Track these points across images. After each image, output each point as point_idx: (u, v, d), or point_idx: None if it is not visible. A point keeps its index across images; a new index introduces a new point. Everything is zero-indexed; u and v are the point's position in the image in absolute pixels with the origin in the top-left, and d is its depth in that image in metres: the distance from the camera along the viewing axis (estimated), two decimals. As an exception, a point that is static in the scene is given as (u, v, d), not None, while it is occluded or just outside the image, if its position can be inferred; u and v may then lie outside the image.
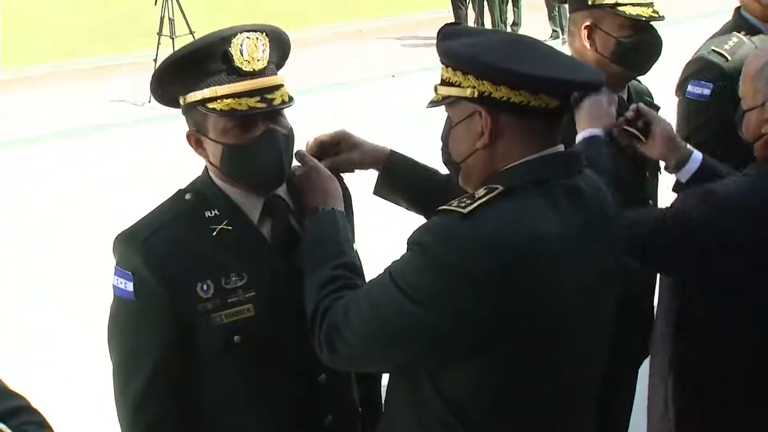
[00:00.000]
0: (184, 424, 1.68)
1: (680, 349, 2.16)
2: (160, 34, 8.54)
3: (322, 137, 1.86)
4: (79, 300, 4.21)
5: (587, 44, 2.22)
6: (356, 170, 1.92)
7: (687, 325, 2.14)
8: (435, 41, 1.54)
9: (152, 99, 8.33)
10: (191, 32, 8.28)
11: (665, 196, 2.43)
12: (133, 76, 9.50)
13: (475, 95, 1.45)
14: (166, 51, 8.38)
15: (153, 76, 1.63)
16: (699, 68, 2.62)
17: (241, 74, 1.57)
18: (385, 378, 1.99)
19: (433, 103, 1.57)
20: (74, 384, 3.64)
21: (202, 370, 1.67)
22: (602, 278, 1.53)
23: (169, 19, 8.50)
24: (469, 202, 1.42)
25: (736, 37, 2.65)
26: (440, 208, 1.45)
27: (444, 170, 1.94)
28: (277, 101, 1.59)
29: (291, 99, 1.63)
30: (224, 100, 1.56)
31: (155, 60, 8.50)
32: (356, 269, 1.62)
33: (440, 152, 1.66)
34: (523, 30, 10.33)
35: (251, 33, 1.57)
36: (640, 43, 2.21)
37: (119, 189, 6.27)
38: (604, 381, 1.63)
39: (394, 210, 2.05)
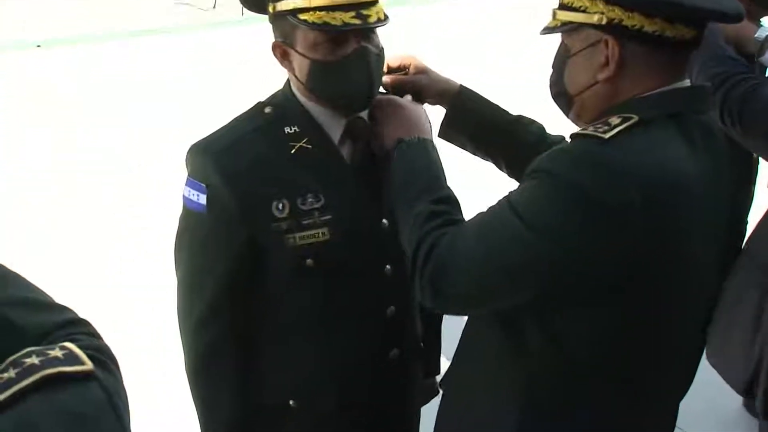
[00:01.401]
0: (246, 347, 1.64)
1: None
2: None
3: (389, 61, 1.71)
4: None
5: None
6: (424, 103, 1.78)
7: None
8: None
9: (216, 5, 8.12)
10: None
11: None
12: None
13: (603, 22, 1.33)
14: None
15: None
16: None
17: None
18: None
19: (549, 30, 1.45)
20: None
21: (269, 294, 1.61)
22: (721, 223, 1.44)
23: None
24: (606, 128, 1.31)
25: None
26: (575, 132, 1.35)
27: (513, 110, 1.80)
28: (373, 18, 1.50)
29: (386, 17, 1.54)
30: (317, 12, 1.47)
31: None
32: (456, 203, 1.50)
33: (549, 82, 1.53)
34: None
35: None
36: None
37: (177, 97, 6.21)
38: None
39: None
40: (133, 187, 5.04)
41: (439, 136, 1.77)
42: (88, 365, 0.95)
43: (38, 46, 7.55)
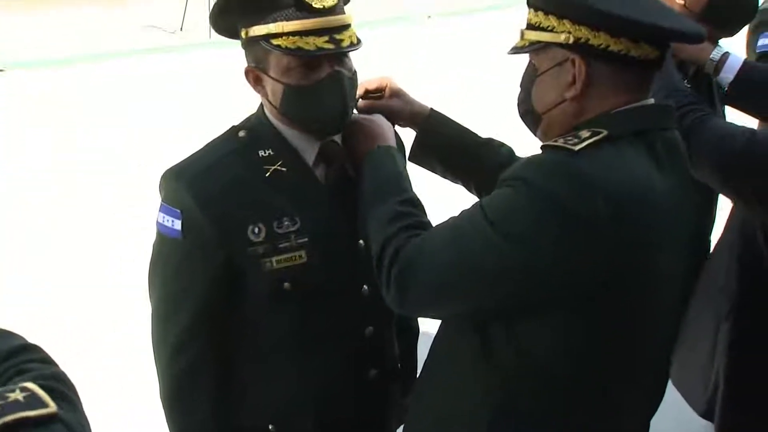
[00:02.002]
0: (224, 369, 1.64)
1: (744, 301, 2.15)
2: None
3: (366, 84, 1.75)
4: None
5: None
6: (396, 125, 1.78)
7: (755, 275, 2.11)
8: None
9: (183, 27, 8.37)
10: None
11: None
12: (163, 2, 9.43)
13: (570, 41, 1.35)
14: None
15: (216, 4, 1.55)
16: (767, 19, 2.43)
17: (310, 11, 1.48)
18: (424, 336, 1.94)
19: (517, 50, 1.47)
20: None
21: (246, 317, 1.62)
22: (687, 237, 1.45)
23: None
24: (576, 140, 1.32)
25: None
26: (545, 144, 1.37)
27: (484, 132, 1.82)
28: (346, 43, 1.51)
29: (359, 41, 1.54)
30: (290, 37, 1.47)
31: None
32: (421, 206, 1.53)
33: (516, 101, 1.56)
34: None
35: None
36: (737, 1, 2.08)
37: (144, 120, 6.25)
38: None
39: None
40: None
41: (410, 159, 1.78)
42: (51, 407, 0.93)
43: (1, 70, 7.63)
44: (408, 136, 1.77)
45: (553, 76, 1.41)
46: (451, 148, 1.76)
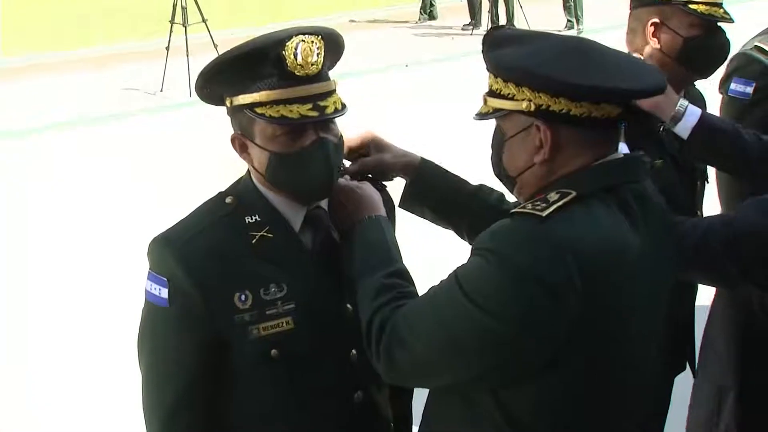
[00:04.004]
0: None
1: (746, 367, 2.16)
2: (172, 22, 8.58)
3: (350, 143, 1.75)
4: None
5: (652, 42, 2.14)
6: (388, 178, 1.81)
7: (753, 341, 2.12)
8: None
9: (164, 88, 8.39)
10: (204, 20, 8.41)
11: (710, 206, 2.39)
12: (143, 64, 9.52)
13: (532, 109, 1.37)
14: (178, 38, 8.39)
15: (200, 75, 1.56)
16: (742, 65, 2.49)
17: (293, 79, 1.49)
18: (418, 396, 1.92)
19: (482, 116, 1.49)
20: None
21: (235, 382, 1.60)
22: (661, 291, 1.47)
23: (182, 7, 8.52)
24: (544, 205, 1.34)
25: None
26: (514, 210, 1.38)
27: (472, 178, 1.84)
28: (330, 109, 1.52)
29: (344, 107, 1.55)
30: (274, 106, 1.49)
31: (167, 48, 8.50)
32: (408, 276, 1.54)
33: (490, 163, 1.57)
34: (536, 21, 10.31)
35: (306, 36, 1.50)
36: (710, 45, 2.14)
37: (129, 180, 6.25)
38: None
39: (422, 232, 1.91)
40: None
41: (400, 206, 1.81)
42: None
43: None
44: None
45: (520, 140, 1.43)
46: (441, 198, 1.79)
